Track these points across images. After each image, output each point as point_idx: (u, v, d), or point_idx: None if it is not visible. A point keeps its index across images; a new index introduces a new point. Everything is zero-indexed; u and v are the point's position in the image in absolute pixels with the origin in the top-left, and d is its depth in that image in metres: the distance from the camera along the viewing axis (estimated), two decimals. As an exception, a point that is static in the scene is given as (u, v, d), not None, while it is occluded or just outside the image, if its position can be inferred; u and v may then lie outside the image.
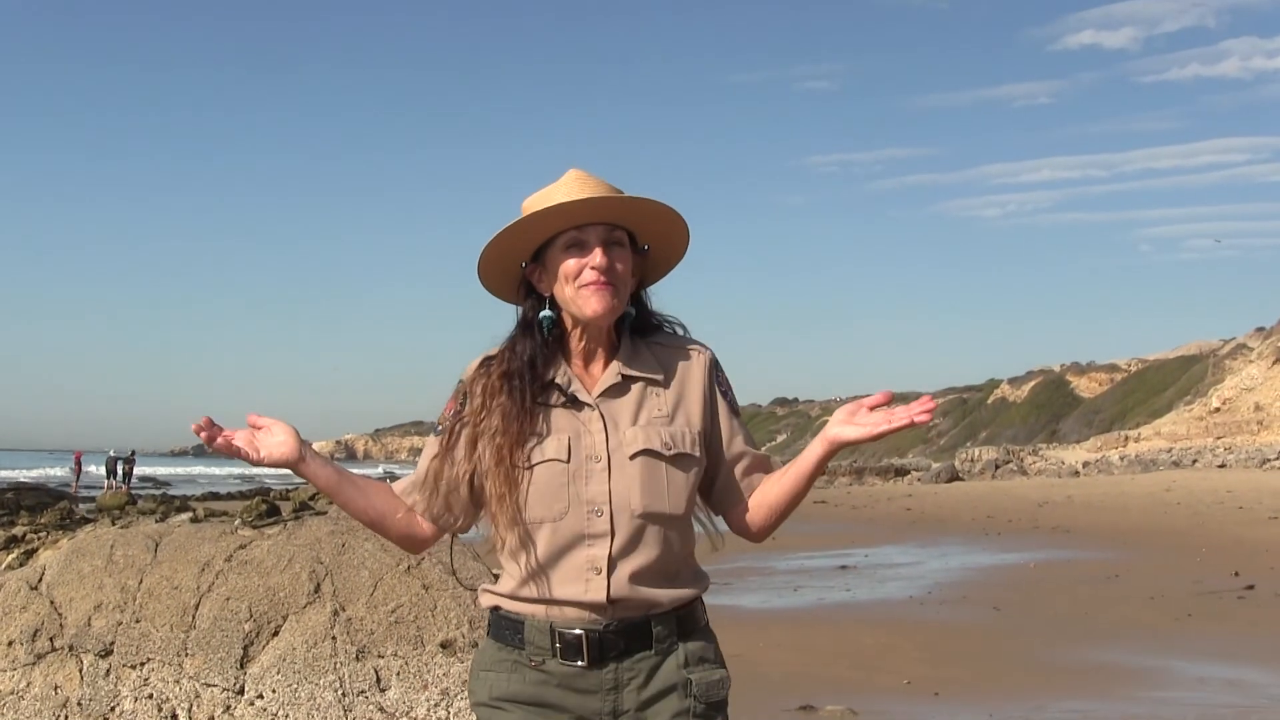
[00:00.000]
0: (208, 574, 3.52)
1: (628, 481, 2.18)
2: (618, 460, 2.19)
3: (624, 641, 2.17)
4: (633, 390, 2.25)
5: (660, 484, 2.19)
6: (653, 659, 2.18)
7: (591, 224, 2.23)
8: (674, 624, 2.20)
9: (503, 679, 2.21)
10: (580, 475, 2.18)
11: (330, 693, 3.30)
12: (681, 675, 2.18)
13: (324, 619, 3.40)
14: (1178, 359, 79.52)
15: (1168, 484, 27.95)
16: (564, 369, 2.26)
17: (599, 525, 2.17)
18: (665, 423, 2.23)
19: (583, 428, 2.21)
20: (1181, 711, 6.33)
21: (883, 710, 6.49)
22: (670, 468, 2.20)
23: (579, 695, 2.17)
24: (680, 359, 2.30)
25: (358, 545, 3.55)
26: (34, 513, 25.14)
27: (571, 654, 2.16)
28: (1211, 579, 11.38)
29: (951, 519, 21.66)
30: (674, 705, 2.17)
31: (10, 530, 19.14)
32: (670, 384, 2.27)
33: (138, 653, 3.41)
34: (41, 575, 3.66)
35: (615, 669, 2.17)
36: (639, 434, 2.20)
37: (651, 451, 2.19)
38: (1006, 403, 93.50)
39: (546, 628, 2.18)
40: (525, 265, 2.29)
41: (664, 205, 2.26)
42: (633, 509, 2.17)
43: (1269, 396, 50.41)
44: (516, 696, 2.19)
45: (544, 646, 2.18)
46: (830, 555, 15.29)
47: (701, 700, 2.18)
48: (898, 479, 46.16)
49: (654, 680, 2.18)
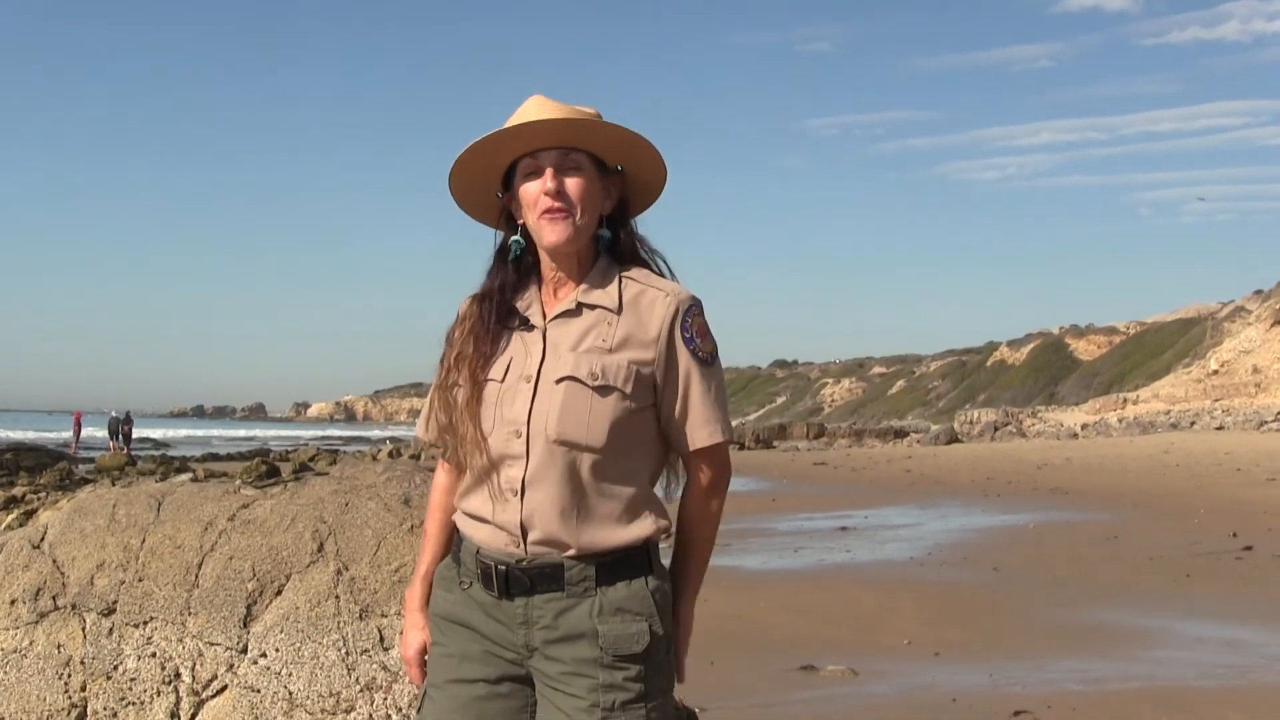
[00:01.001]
0: (210, 533, 3.51)
1: (547, 405, 2.14)
2: (544, 384, 2.16)
3: (530, 580, 2.14)
4: (585, 317, 2.20)
5: (582, 413, 2.13)
6: (564, 601, 2.13)
7: (546, 149, 2.19)
8: (590, 569, 2.13)
9: (444, 596, 2.27)
10: (509, 395, 2.17)
11: (333, 652, 3.29)
12: (591, 623, 2.12)
13: (327, 578, 3.40)
14: (1176, 322, 79.56)
15: (1166, 446, 27.99)
16: (533, 293, 2.27)
17: (516, 446, 2.15)
18: (603, 353, 2.17)
19: (526, 350, 2.21)
20: (1180, 671, 6.36)
21: (883, 670, 6.52)
22: (596, 397, 2.13)
23: (496, 624, 2.19)
24: (647, 296, 2.21)
25: (361, 505, 3.54)
26: (33, 473, 25.19)
27: (485, 581, 2.19)
28: (1209, 540, 11.42)
29: (951, 480, 21.71)
30: (584, 652, 2.12)
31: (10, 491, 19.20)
32: (628, 319, 2.19)
33: (140, 611, 3.40)
34: (44, 534, 3.65)
35: (525, 604, 2.16)
36: (570, 359, 2.16)
37: (575, 379, 2.15)
38: (1005, 365, 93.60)
39: (474, 550, 2.20)
40: (501, 196, 2.29)
41: (616, 127, 2.21)
42: (548, 434, 2.13)
43: (1267, 359, 50.44)
44: (451, 616, 2.25)
45: (471, 569, 2.21)
46: (830, 516, 15.33)
47: (609, 652, 2.11)
48: (897, 441, 46.24)
49: (561, 623, 2.14)
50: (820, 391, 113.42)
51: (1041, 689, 5.96)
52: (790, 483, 22.95)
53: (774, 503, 17.83)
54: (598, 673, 2.12)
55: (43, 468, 26.31)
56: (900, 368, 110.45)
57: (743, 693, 6.00)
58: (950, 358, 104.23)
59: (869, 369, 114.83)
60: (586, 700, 2.11)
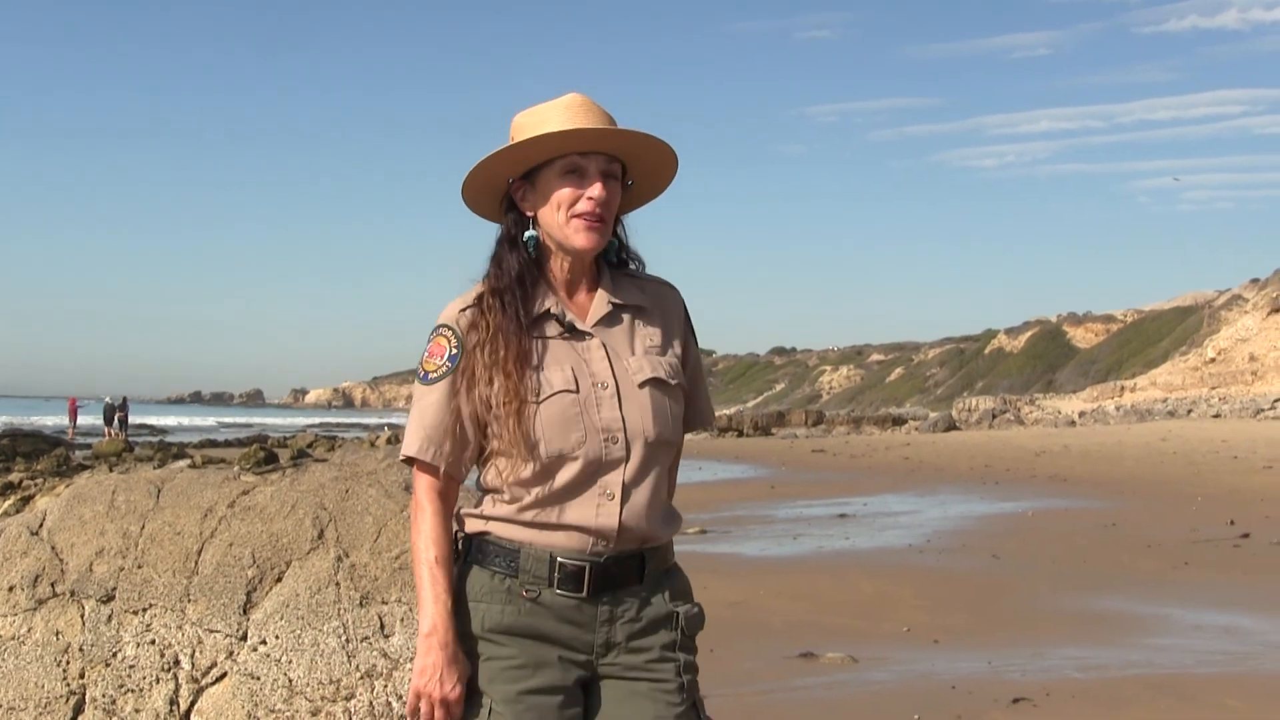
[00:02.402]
0: (210, 520, 3.49)
1: (639, 409, 2.17)
2: (626, 387, 2.18)
3: (621, 574, 2.17)
4: (624, 320, 2.24)
5: (667, 412, 2.21)
6: (643, 593, 2.19)
7: (594, 153, 2.19)
8: (662, 559, 2.24)
9: (495, 610, 2.16)
10: (591, 403, 2.15)
11: (334, 639, 3.29)
12: (670, 608, 2.22)
13: (327, 565, 3.39)
14: (1173, 310, 79.59)
15: (1163, 434, 28.04)
16: (553, 298, 2.22)
17: (615, 452, 2.15)
18: (659, 353, 2.24)
19: (584, 357, 2.19)
20: (1178, 658, 6.36)
21: (883, 657, 6.52)
22: (672, 400, 2.22)
23: (572, 627, 2.15)
24: (658, 294, 2.30)
25: (361, 491, 3.53)
26: (30, 459, 25.13)
27: (571, 584, 2.13)
28: (1207, 527, 11.43)
29: (949, 468, 21.74)
30: (664, 638, 2.21)
31: (6, 477, 19.18)
32: (655, 317, 2.28)
33: (140, 598, 3.39)
34: (42, 521, 3.63)
35: (611, 601, 2.16)
36: (644, 362, 2.21)
37: (659, 381, 2.21)
38: (1003, 353, 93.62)
39: (545, 556, 2.14)
40: (512, 181, 2.24)
41: (667, 145, 2.25)
42: (646, 435, 2.17)
43: (1263, 347, 50.49)
44: (511, 629, 2.15)
45: (541, 576, 2.14)
46: (829, 504, 15.34)
47: (686, 632, 2.23)
48: (895, 428, 46.30)
49: (645, 613, 2.19)
50: (819, 379, 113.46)
51: (1040, 676, 5.96)
52: (789, 470, 22.98)
53: (773, 490, 17.85)
54: (678, 655, 2.22)
55: (39, 454, 26.23)
56: (898, 355, 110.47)
57: (743, 680, 6.00)
58: (948, 345, 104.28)
59: (867, 356, 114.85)
60: (674, 682, 2.21)
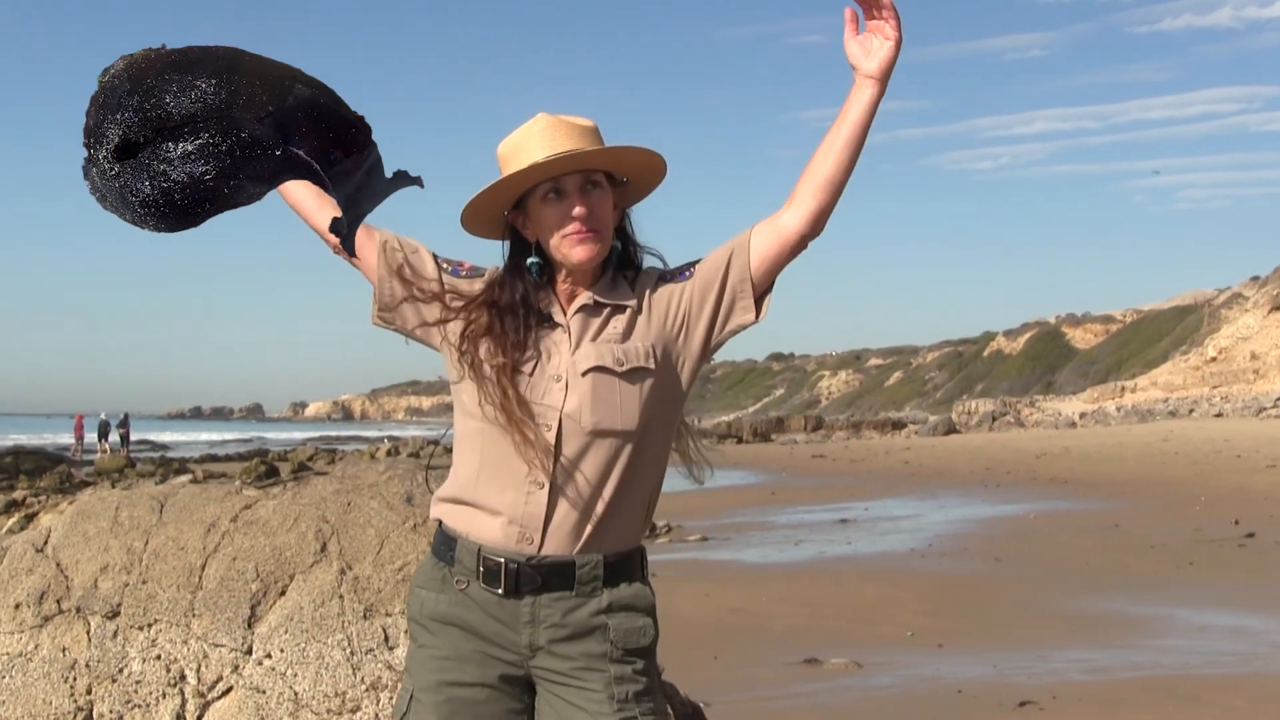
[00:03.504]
0: (214, 534, 3.50)
1: (579, 397, 2.16)
2: (573, 377, 2.18)
3: (541, 578, 2.15)
4: (602, 314, 2.24)
5: (613, 399, 2.17)
6: (571, 600, 2.16)
7: (568, 173, 2.21)
8: (600, 569, 2.17)
9: (432, 597, 2.22)
10: (539, 391, 2.18)
11: (338, 651, 3.29)
12: (599, 620, 2.16)
13: (331, 578, 3.39)
14: (1173, 309, 79.56)
15: (1165, 434, 28.02)
16: (549, 296, 2.27)
17: (547, 438, 2.15)
18: (618, 340, 2.22)
19: (554, 347, 2.22)
20: (1184, 659, 6.36)
21: (886, 662, 6.52)
22: (622, 383, 2.17)
23: (497, 624, 2.17)
24: (646, 286, 2.29)
25: (364, 504, 3.53)
26: (33, 476, 25.13)
27: (491, 580, 2.16)
28: (1211, 528, 11.43)
29: (950, 471, 21.74)
30: (592, 647, 2.16)
31: (10, 494, 19.17)
32: (639, 310, 2.26)
33: (145, 614, 3.40)
34: (47, 538, 3.64)
35: (533, 603, 2.15)
36: (592, 350, 2.19)
37: (602, 368, 2.18)
38: (1002, 355, 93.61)
39: (474, 550, 2.17)
40: (508, 213, 2.28)
41: (636, 149, 2.25)
42: (583, 425, 2.16)
43: (1264, 345, 50.47)
44: (443, 617, 2.20)
45: (470, 568, 2.18)
46: (830, 509, 15.33)
47: (619, 646, 2.16)
48: (895, 432, 46.28)
49: (570, 619, 2.16)
50: (817, 384, 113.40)
51: (1046, 679, 5.96)
52: (789, 475, 22.98)
53: (773, 496, 17.84)
54: (608, 666, 2.15)
55: (42, 471, 26.24)
56: (897, 359, 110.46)
57: (747, 686, 6.00)
58: (947, 348, 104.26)
59: (866, 360, 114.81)
60: (602, 693, 2.14)
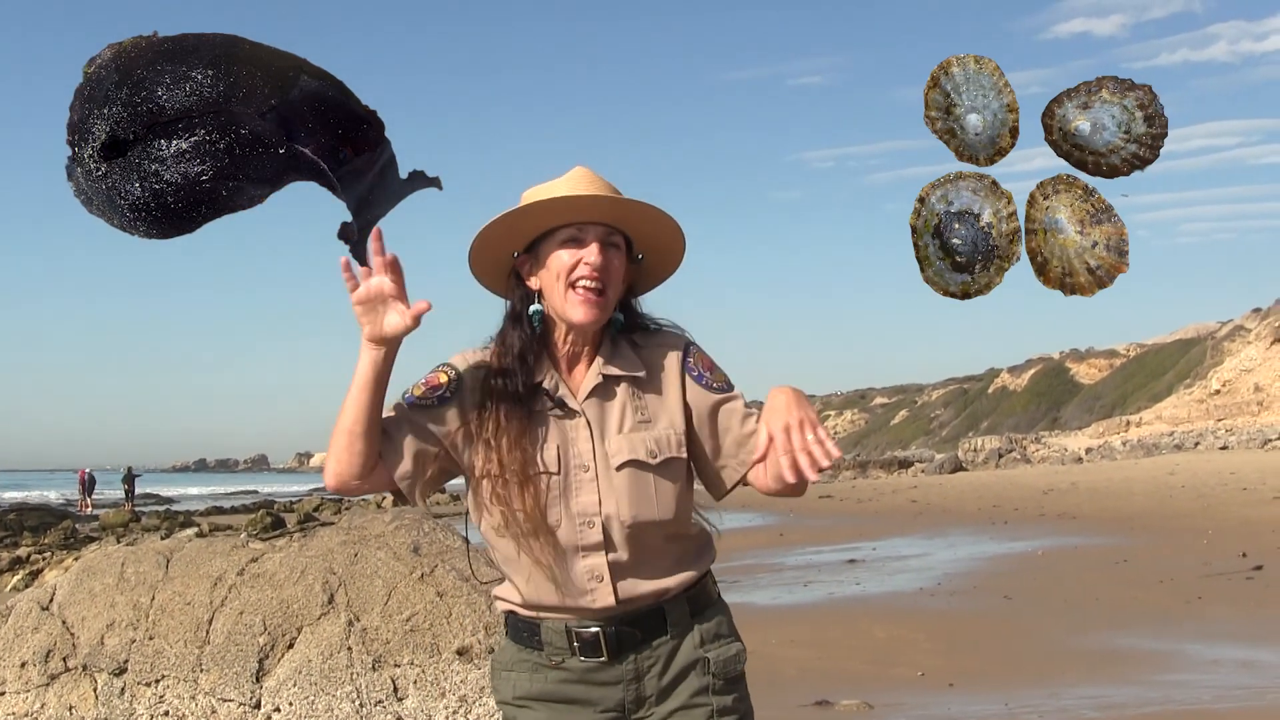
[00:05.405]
0: (220, 588, 3.50)
1: (616, 493, 2.17)
2: (604, 470, 2.18)
3: (640, 632, 2.18)
4: (617, 393, 2.23)
5: (648, 493, 2.18)
6: (670, 643, 2.20)
7: (591, 223, 2.21)
8: (685, 605, 2.22)
9: (525, 678, 2.23)
10: (570, 487, 2.17)
11: (348, 704, 3.28)
12: (698, 654, 2.21)
13: (339, 630, 3.39)
14: (1176, 343, 79.52)
15: (1171, 467, 27.92)
16: (550, 373, 2.24)
17: (592, 537, 2.16)
18: (649, 427, 2.21)
19: (571, 435, 2.20)
20: (1196, 694, 6.32)
21: (898, 703, 6.47)
22: (658, 477, 2.19)
23: (601, 688, 2.19)
24: (658, 355, 2.27)
25: (370, 555, 3.54)
26: (37, 533, 25.08)
27: (590, 651, 2.18)
28: (1219, 560, 11.37)
29: (957, 509, 21.66)
30: (694, 684, 2.20)
31: (14, 551, 19.14)
32: (651, 383, 2.25)
33: (152, 670, 3.39)
34: (52, 595, 3.64)
35: (635, 659, 2.19)
36: (624, 443, 2.19)
37: (637, 462, 2.18)
38: (1007, 391, 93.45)
39: (562, 629, 2.19)
40: (517, 255, 2.26)
41: (667, 214, 2.25)
42: (622, 520, 2.16)
43: (1268, 377, 50.41)
44: (541, 695, 2.22)
45: (562, 647, 2.19)
46: (838, 549, 15.27)
47: (720, 676, 2.21)
48: (902, 471, 46.15)
49: (673, 663, 2.20)
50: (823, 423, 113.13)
51: (1058, 717, 5.92)
52: (797, 516, 22.88)
53: (781, 537, 17.77)
54: (710, 699, 2.20)
55: (46, 527, 26.20)
56: (902, 397, 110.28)
57: (758, 731, 5.95)
58: (952, 385, 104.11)
59: (871, 400, 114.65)
60: None
